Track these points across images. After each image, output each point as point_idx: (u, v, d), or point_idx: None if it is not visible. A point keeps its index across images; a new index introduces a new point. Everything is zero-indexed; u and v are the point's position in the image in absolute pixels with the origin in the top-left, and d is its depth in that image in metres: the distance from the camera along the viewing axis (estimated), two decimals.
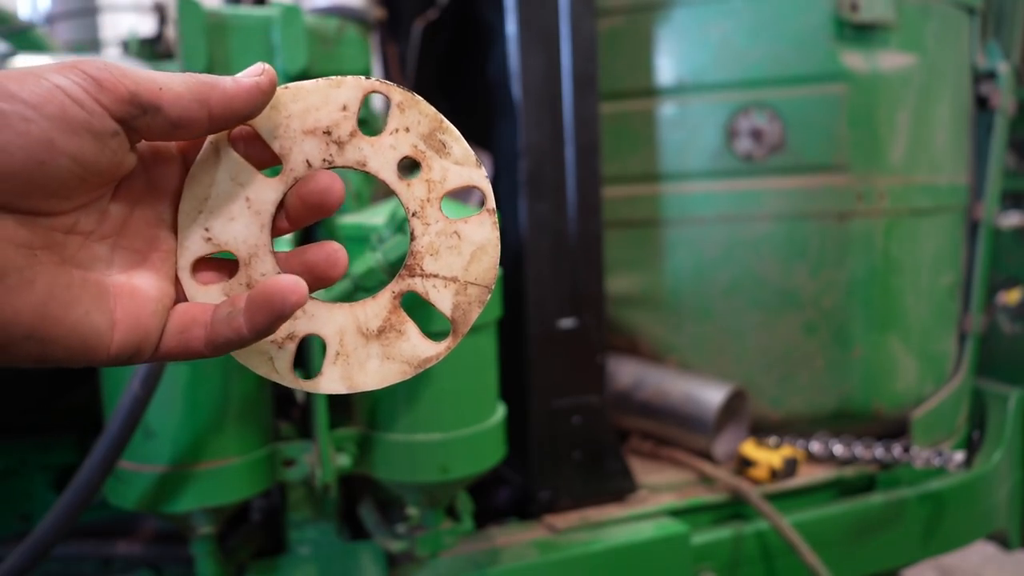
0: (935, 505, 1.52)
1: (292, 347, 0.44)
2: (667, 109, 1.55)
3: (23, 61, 1.28)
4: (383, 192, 1.47)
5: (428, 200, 0.44)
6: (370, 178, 1.37)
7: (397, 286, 0.45)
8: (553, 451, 1.32)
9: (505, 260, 1.24)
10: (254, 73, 0.41)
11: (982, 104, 1.71)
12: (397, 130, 0.43)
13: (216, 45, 1.12)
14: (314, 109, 0.43)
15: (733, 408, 1.53)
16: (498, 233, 0.45)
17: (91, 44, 2.41)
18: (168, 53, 1.87)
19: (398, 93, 0.43)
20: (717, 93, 1.52)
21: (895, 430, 1.57)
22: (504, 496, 1.37)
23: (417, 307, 0.48)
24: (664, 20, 1.53)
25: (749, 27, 1.49)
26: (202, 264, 0.44)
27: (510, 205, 1.31)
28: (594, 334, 1.34)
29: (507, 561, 1.17)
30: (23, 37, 1.58)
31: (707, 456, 1.48)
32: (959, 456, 1.40)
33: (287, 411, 1.30)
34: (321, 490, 1.06)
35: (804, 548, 1.31)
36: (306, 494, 1.12)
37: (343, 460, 1.04)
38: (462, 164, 0.44)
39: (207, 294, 0.43)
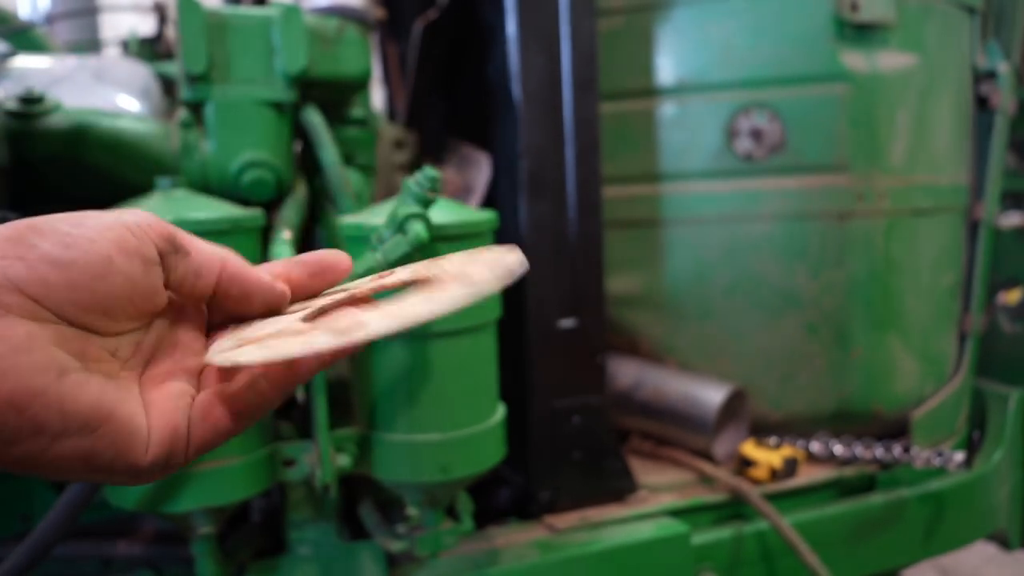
0: (935, 505, 1.52)
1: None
2: (667, 109, 1.55)
3: (23, 61, 1.28)
4: (383, 192, 1.47)
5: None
6: (370, 178, 1.37)
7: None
8: (553, 451, 1.32)
9: None
10: (272, 273, 0.48)
11: (982, 104, 1.71)
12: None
13: (216, 45, 1.12)
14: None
15: (733, 408, 1.53)
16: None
17: (91, 44, 2.41)
18: (168, 53, 1.87)
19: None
20: (717, 93, 1.52)
21: (895, 430, 1.57)
22: (504, 496, 1.37)
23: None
24: (664, 20, 1.53)
25: (749, 27, 1.49)
26: None
27: (510, 205, 1.31)
28: (594, 334, 1.34)
29: (507, 561, 1.17)
30: (23, 37, 1.58)
31: (707, 456, 1.48)
32: (959, 456, 1.40)
33: (287, 411, 1.30)
34: (321, 490, 1.06)
35: (804, 548, 1.31)
36: (306, 494, 1.12)
37: (343, 460, 1.04)
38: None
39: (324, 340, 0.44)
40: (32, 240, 0.39)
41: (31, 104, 1.09)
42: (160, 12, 1.99)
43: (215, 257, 0.46)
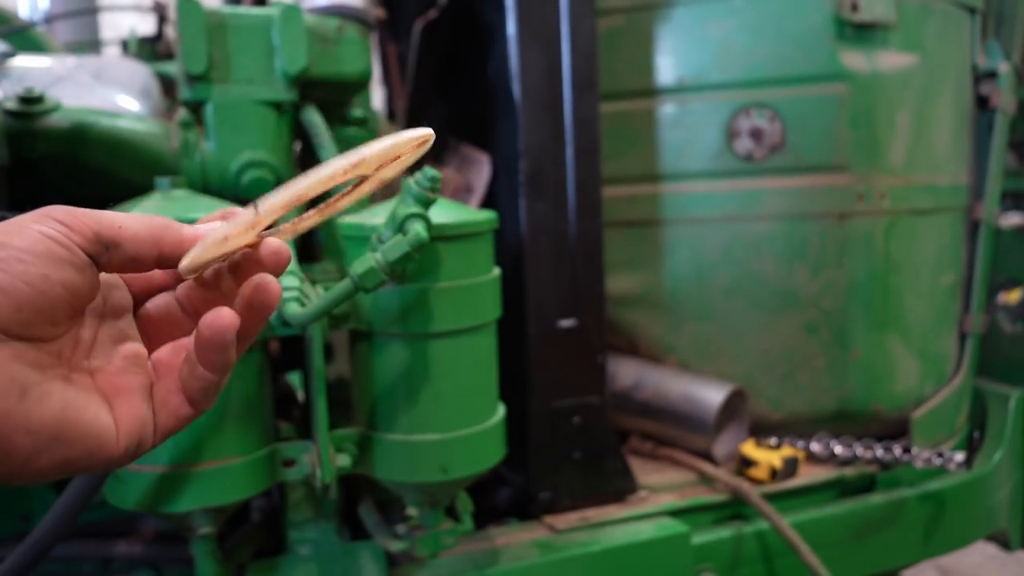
0: (935, 505, 1.52)
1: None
2: (667, 109, 1.55)
3: (23, 61, 1.28)
4: (383, 192, 1.47)
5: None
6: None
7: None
8: (553, 451, 1.32)
9: (505, 260, 1.23)
10: (202, 220, 0.50)
11: (983, 104, 1.71)
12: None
13: (216, 45, 1.12)
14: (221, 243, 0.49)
15: (733, 408, 1.53)
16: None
17: (91, 44, 2.41)
18: (168, 53, 1.87)
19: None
20: (717, 93, 1.52)
21: (895, 430, 1.57)
22: (504, 496, 1.37)
23: (417, 307, 0.49)
24: (664, 20, 1.53)
25: (749, 27, 1.49)
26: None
27: (510, 205, 1.31)
28: (594, 334, 1.34)
29: (507, 561, 1.17)
30: (23, 37, 1.58)
31: (707, 456, 1.47)
32: (959, 456, 1.40)
33: (287, 411, 1.30)
34: (321, 490, 1.06)
35: (804, 548, 1.31)
36: (306, 494, 1.12)
37: (343, 460, 1.04)
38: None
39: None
40: None
41: (31, 104, 1.09)
42: (160, 12, 1.99)
43: (149, 240, 0.46)
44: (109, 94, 1.27)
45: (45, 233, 0.42)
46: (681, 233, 1.56)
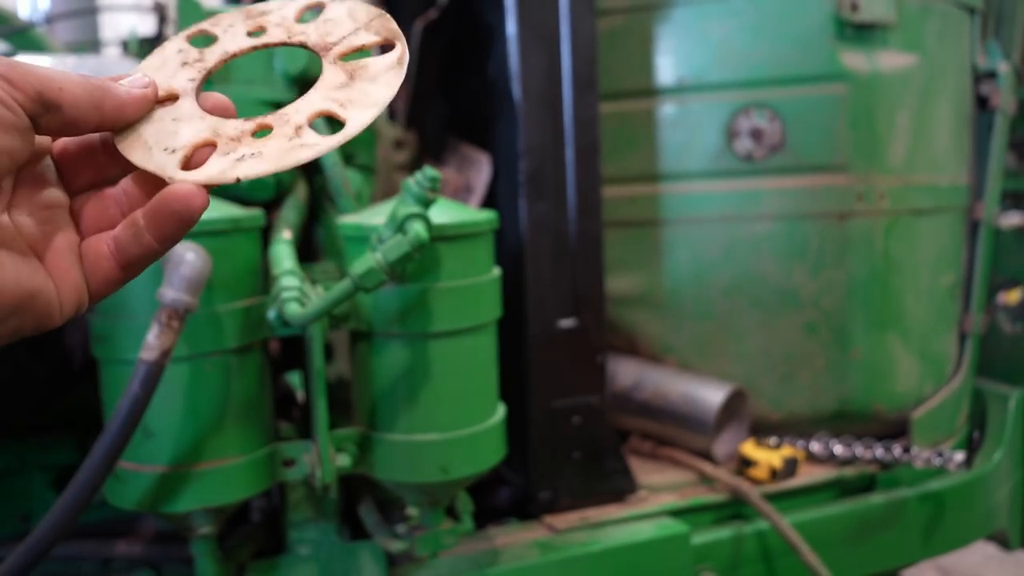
0: (935, 505, 1.52)
1: (307, 129, 0.47)
2: (667, 109, 1.55)
3: (23, 61, 1.28)
4: (383, 192, 1.47)
5: (288, 27, 0.51)
6: (370, 178, 1.37)
7: (328, 59, 0.49)
8: (553, 451, 1.32)
9: (505, 260, 1.24)
10: (140, 84, 0.48)
11: (982, 104, 1.71)
12: (225, 29, 0.51)
13: None
14: (162, 65, 0.50)
15: (733, 408, 1.53)
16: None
17: (91, 44, 2.41)
18: None
19: (205, 22, 0.51)
20: (717, 93, 1.52)
21: (895, 430, 1.57)
22: (504, 496, 1.37)
23: (417, 307, 0.48)
24: (664, 20, 1.53)
25: (749, 27, 1.49)
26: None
27: (510, 205, 1.31)
28: (594, 334, 1.34)
29: (507, 561, 1.17)
30: (23, 37, 1.58)
31: (707, 456, 1.47)
32: (959, 456, 1.40)
33: (287, 411, 1.30)
34: (321, 490, 1.06)
35: (804, 548, 1.31)
36: (306, 494, 1.12)
37: (343, 460, 1.04)
38: (285, 5, 0.51)
39: (213, 165, 0.46)
40: None
41: None
42: (160, 12, 1.99)
43: (89, 104, 0.44)
44: None
45: None
46: (681, 233, 1.56)
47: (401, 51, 0.48)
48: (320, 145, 0.45)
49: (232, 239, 0.97)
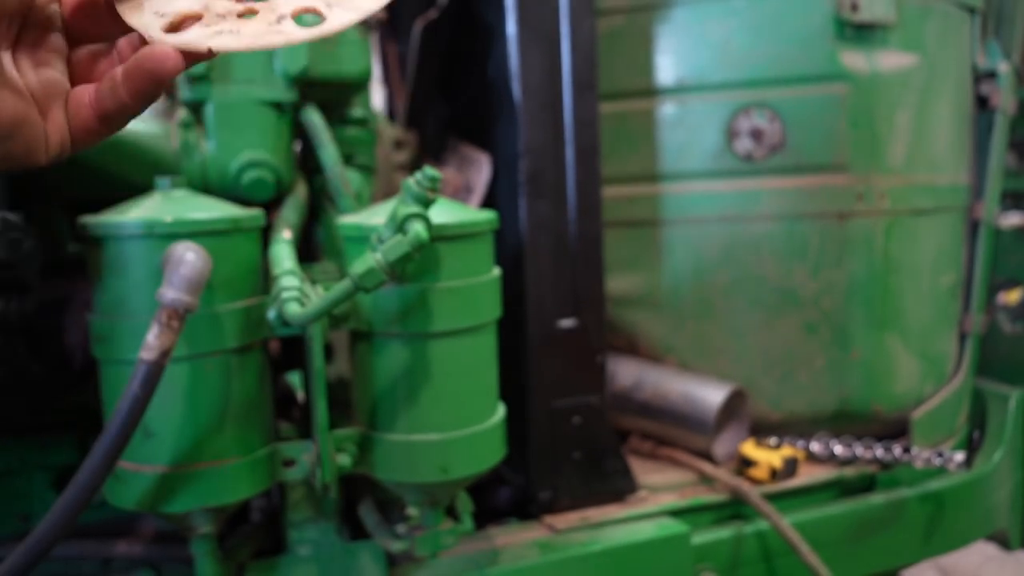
0: (935, 505, 1.52)
1: (289, 20, 0.48)
2: (667, 109, 1.55)
3: None
4: (383, 192, 1.47)
5: None
6: (370, 178, 1.37)
7: None
8: (553, 451, 1.32)
9: (505, 260, 1.24)
10: None
11: (982, 104, 1.71)
12: None
13: None
14: None
15: (733, 408, 1.53)
16: None
17: None
18: None
19: None
20: (717, 93, 1.52)
21: (895, 430, 1.57)
22: (504, 496, 1.38)
23: (417, 307, 0.48)
24: (664, 20, 1.53)
25: (749, 27, 1.49)
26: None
27: (510, 205, 1.31)
28: (594, 334, 1.34)
29: (507, 561, 1.17)
30: None
31: (707, 456, 1.47)
32: (959, 456, 1.40)
33: (287, 411, 1.30)
34: (321, 490, 1.06)
35: (804, 548, 1.31)
36: (306, 494, 1.12)
37: (343, 460, 1.04)
38: None
39: (192, 33, 0.48)
40: None
41: None
42: None
43: None
44: None
45: None
46: (681, 233, 1.56)
47: None
48: (295, 35, 0.47)
49: (232, 239, 0.97)
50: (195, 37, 0.47)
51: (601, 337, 1.35)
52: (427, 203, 0.93)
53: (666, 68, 1.54)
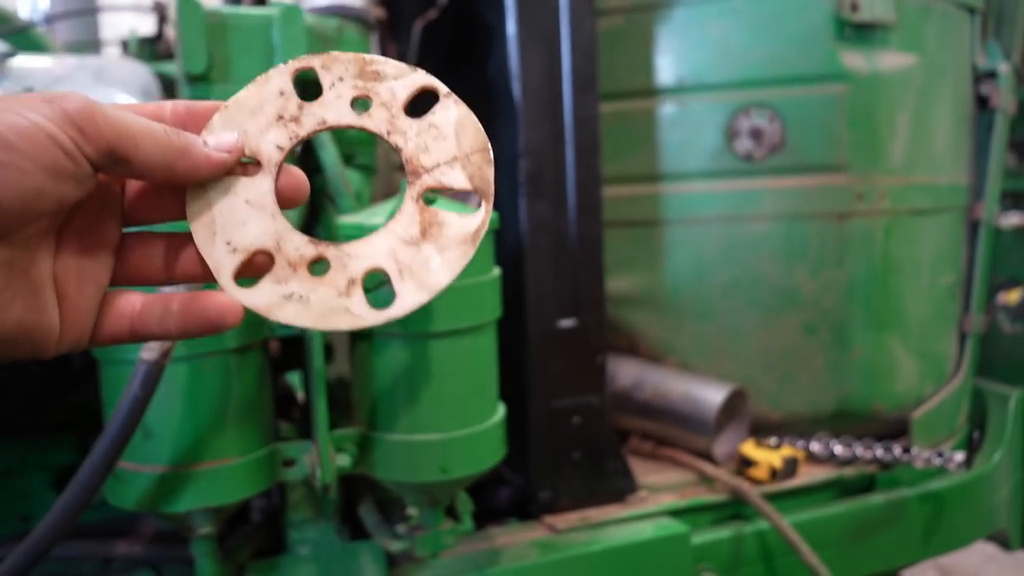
0: (935, 505, 1.52)
1: (359, 290, 0.46)
2: (667, 109, 1.55)
3: (23, 61, 1.28)
4: (383, 192, 1.47)
5: (392, 116, 0.48)
6: (370, 178, 1.37)
7: (412, 191, 0.47)
8: (553, 451, 1.32)
9: (505, 260, 1.24)
10: (226, 146, 0.45)
11: (982, 104, 1.71)
12: (334, 84, 0.47)
13: (216, 45, 1.12)
14: (258, 109, 0.47)
15: (733, 408, 1.53)
16: (465, 106, 0.48)
17: (91, 44, 2.41)
18: (168, 53, 1.87)
19: (316, 59, 0.48)
20: (717, 93, 1.52)
21: (895, 430, 1.57)
22: (504, 496, 1.37)
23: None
24: (664, 20, 1.53)
25: (749, 27, 1.49)
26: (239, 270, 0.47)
27: (510, 205, 1.31)
28: (594, 334, 1.34)
29: (507, 561, 1.17)
30: (23, 37, 1.57)
31: (707, 456, 1.47)
32: (959, 456, 1.40)
33: (287, 411, 1.30)
34: (321, 490, 1.06)
35: (804, 548, 1.31)
36: (306, 494, 1.12)
37: (343, 460, 1.04)
38: (401, 76, 0.48)
39: (261, 293, 0.45)
40: None
41: None
42: (160, 12, 1.99)
43: (161, 165, 0.42)
44: (109, 94, 1.27)
45: (56, 139, 0.38)
46: (681, 233, 1.56)
47: (483, 218, 0.47)
48: (364, 319, 0.46)
49: None
50: (264, 301, 0.45)
51: (601, 337, 1.35)
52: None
53: (666, 68, 1.54)
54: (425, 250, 0.46)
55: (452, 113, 0.48)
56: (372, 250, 0.47)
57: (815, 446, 1.50)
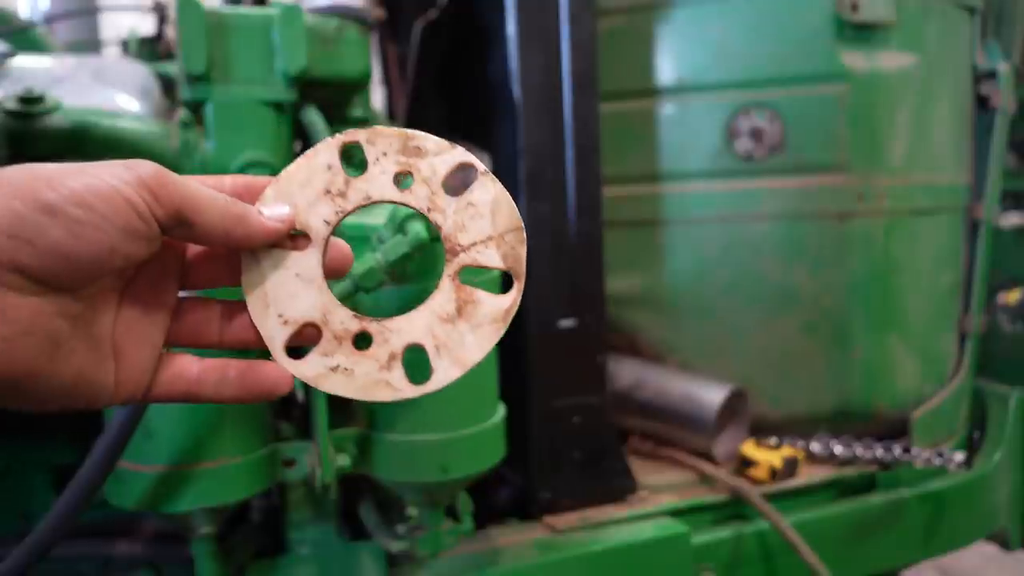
0: (935, 505, 1.52)
1: (399, 364, 0.49)
2: (667, 109, 1.55)
3: (23, 61, 1.28)
4: None
5: (433, 194, 0.49)
6: None
7: (450, 268, 0.50)
8: (553, 451, 1.32)
9: None
10: (279, 218, 0.48)
11: (982, 104, 1.71)
12: (378, 159, 0.49)
13: (216, 45, 1.12)
14: (307, 182, 0.49)
15: (733, 408, 1.53)
16: (500, 185, 0.50)
17: (91, 44, 2.41)
18: (168, 53, 1.87)
19: (363, 134, 0.49)
20: (717, 93, 1.52)
21: (895, 430, 1.57)
22: (504, 496, 1.37)
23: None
24: (664, 20, 1.53)
25: (749, 27, 1.49)
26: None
27: None
28: (594, 334, 1.34)
29: (507, 561, 1.17)
30: (23, 37, 1.57)
31: (707, 456, 1.47)
32: (959, 456, 1.40)
33: (287, 411, 1.30)
34: (321, 490, 1.06)
35: (804, 548, 1.31)
36: (306, 494, 1.12)
37: (343, 460, 1.04)
38: (441, 153, 0.49)
39: (310, 365, 0.49)
40: (42, 222, 0.39)
41: (31, 104, 1.09)
42: (160, 12, 1.99)
43: (220, 231, 0.45)
44: (109, 94, 1.27)
45: (131, 202, 0.41)
46: (681, 233, 1.56)
47: (514, 298, 0.50)
48: (403, 391, 0.49)
49: None
50: (313, 373, 0.48)
51: (601, 337, 1.35)
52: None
53: (666, 68, 1.54)
54: (460, 327, 0.50)
55: (488, 192, 0.50)
56: (411, 326, 0.50)
57: (815, 446, 1.50)
